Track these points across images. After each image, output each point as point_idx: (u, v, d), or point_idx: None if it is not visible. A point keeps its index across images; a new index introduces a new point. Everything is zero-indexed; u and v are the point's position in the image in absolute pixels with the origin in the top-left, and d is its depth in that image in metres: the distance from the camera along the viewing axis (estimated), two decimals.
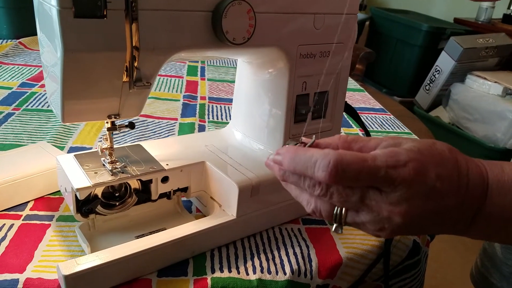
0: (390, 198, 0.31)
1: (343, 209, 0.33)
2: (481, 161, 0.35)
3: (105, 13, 0.39)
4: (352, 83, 1.36)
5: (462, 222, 0.34)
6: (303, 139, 0.39)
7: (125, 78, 0.45)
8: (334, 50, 0.58)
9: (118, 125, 0.51)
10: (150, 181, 0.55)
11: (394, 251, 0.62)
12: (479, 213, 0.34)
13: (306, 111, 0.58)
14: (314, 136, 0.39)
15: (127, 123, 0.52)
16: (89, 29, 0.39)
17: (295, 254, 0.55)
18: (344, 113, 0.66)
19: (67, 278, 0.43)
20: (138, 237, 0.53)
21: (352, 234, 0.61)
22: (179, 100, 1.04)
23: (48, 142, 0.73)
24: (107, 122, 0.50)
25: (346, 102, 0.65)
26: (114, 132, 0.51)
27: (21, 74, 1.09)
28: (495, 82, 2.05)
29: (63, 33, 0.39)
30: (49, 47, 0.44)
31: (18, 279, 0.46)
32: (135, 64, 0.44)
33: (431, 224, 0.33)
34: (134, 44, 0.43)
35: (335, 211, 0.33)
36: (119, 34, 0.41)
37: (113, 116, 0.48)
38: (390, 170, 0.31)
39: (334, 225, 0.34)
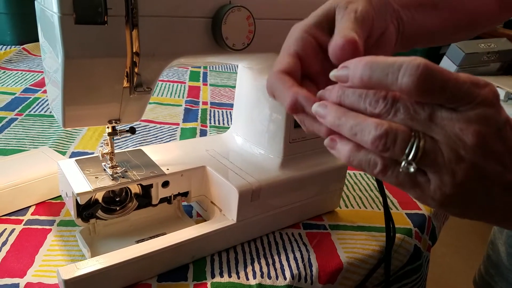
0: (465, 115, 0.27)
1: (420, 133, 0.28)
2: None
3: (105, 19, 0.40)
4: None
5: None
6: None
7: (125, 84, 0.45)
8: None
9: (119, 130, 0.51)
10: (151, 185, 0.55)
11: (395, 256, 0.62)
12: None
13: None
14: None
15: (128, 128, 0.52)
16: (90, 35, 0.40)
17: (295, 259, 0.55)
18: None
19: (67, 282, 0.43)
20: (138, 241, 0.53)
21: (353, 239, 0.61)
22: (181, 105, 1.04)
23: (50, 147, 0.74)
24: (108, 127, 0.50)
25: None
26: (115, 137, 0.52)
27: (25, 80, 1.10)
28: (497, 87, 2.05)
29: (64, 39, 0.39)
30: (50, 53, 0.45)
31: (18, 283, 0.46)
32: (136, 69, 0.44)
33: (495, 183, 0.28)
34: (134, 50, 0.43)
35: (413, 135, 0.27)
36: (119, 40, 0.41)
37: (113, 121, 0.49)
38: (473, 86, 0.27)
39: (403, 163, 0.28)
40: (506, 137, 0.28)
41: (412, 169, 0.28)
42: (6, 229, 0.55)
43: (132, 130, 0.52)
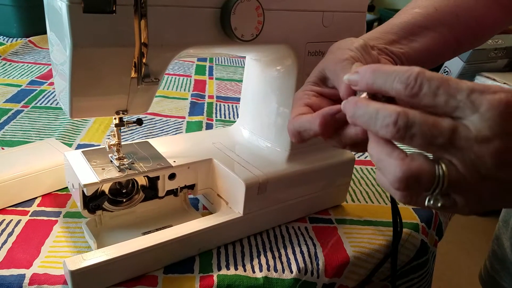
0: (476, 130, 0.26)
1: (444, 163, 0.27)
2: None
3: (114, 8, 0.39)
4: None
5: None
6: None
7: (133, 74, 0.45)
8: None
9: (126, 121, 0.51)
10: (157, 177, 0.55)
11: (401, 250, 0.62)
12: None
13: None
14: None
15: (135, 120, 0.52)
16: (98, 25, 0.40)
17: (301, 252, 0.55)
18: None
19: (73, 273, 0.43)
20: (144, 233, 0.53)
21: (360, 233, 0.60)
22: (187, 99, 1.04)
23: (56, 139, 0.74)
24: (115, 118, 0.50)
25: None
26: (122, 129, 0.51)
27: (31, 72, 1.10)
28: (504, 83, 2.03)
29: (72, 28, 0.39)
30: (58, 45, 0.45)
31: (24, 274, 0.46)
32: (144, 60, 0.44)
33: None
34: (142, 40, 0.43)
35: (436, 170, 0.27)
36: (128, 30, 0.41)
37: (121, 112, 0.48)
38: (474, 93, 0.26)
39: (428, 198, 0.28)
40: None
41: (439, 204, 0.28)
42: (12, 220, 0.55)
43: (139, 122, 0.52)
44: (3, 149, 0.71)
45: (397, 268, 0.61)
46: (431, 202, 0.28)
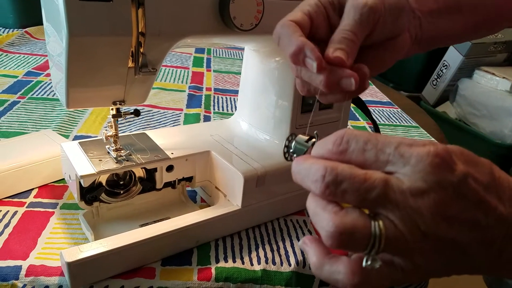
0: (414, 186, 0.24)
1: (381, 219, 0.25)
2: None
3: None
4: None
5: (509, 248, 0.27)
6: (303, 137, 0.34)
7: (130, 64, 0.44)
8: None
9: (123, 112, 0.50)
10: (155, 169, 0.54)
11: None
12: None
13: (313, 101, 0.57)
14: (315, 132, 0.33)
15: (132, 111, 0.52)
16: (94, 13, 0.39)
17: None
18: (351, 105, 0.65)
19: (70, 265, 0.42)
20: (142, 225, 0.52)
21: None
22: (184, 91, 1.03)
23: (53, 130, 0.73)
24: (112, 109, 0.49)
25: None
26: (119, 120, 0.51)
27: (27, 63, 1.09)
28: (503, 77, 2.03)
29: (68, 17, 0.38)
30: (54, 36, 0.44)
31: (21, 265, 0.46)
32: (141, 49, 0.43)
33: (469, 243, 0.26)
34: (140, 30, 0.42)
35: (372, 226, 0.25)
36: (125, 19, 0.40)
37: (118, 102, 0.48)
38: (402, 146, 0.25)
39: (366, 259, 0.25)
40: (468, 193, 0.25)
41: (377, 265, 0.25)
42: (8, 211, 0.54)
43: (137, 113, 0.51)
44: None
45: None
46: (369, 262, 0.25)
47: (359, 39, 0.34)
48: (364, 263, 0.26)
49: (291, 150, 0.33)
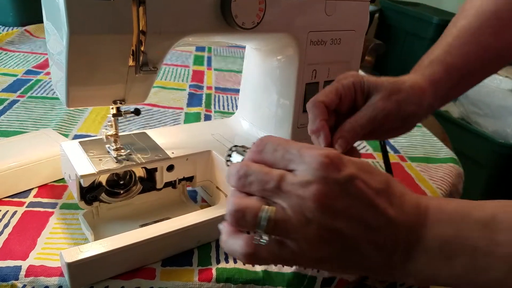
0: (304, 179, 0.29)
1: (273, 205, 0.30)
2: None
3: None
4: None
5: (398, 252, 0.30)
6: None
7: (131, 63, 0.43)
8: (346, 38, 0.57)
9: (124, 111, 0.50)
10: (155, 169, 0.54)
11: None
12: (417, 245, 0.30)
13: None
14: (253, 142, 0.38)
15: (132, 110, 0.51)
16: (95, 11, 0.38)
17: None
18: None
19: (70, 265, 0.42)
20: (142, 225, 0.52)
21: None
22: (185, 90, 1.03)
23: (53, 129, 0.72)
24: (112, 108, 0.49)
25: None
26: (119, 119, 0.50)
27: (27, 62, 1.08)
28: (506, 76, 2.02)
29: (69, 15, 0.37)
30: (55, 35, 0.43)
31: (21, 266, 0.45)
32: (142, 48, 0.42)
33: (358, 241, 0.29)
34: (141, 28, 0.41)
35: (262, 209, 0.30)
36: (126, 17, 0.40)
37: (118, 101, 0.47)
38: (304, 149, 0.31)
39: (255, 235, 0.30)
40: (356, 192, 0.29)
41: (264, 241, 0.30)
42: (8, 211, 0.54)
43: (137, 112, 0.51)
44: None
45: None
46: (257, 238, 0.30)
47: (364, 130, 0.43)
48: (254, 239, 0.30)
49: (231, 159, 0.38)
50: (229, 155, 0.39)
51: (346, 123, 0.43)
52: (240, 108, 0.66)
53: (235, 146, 0.39)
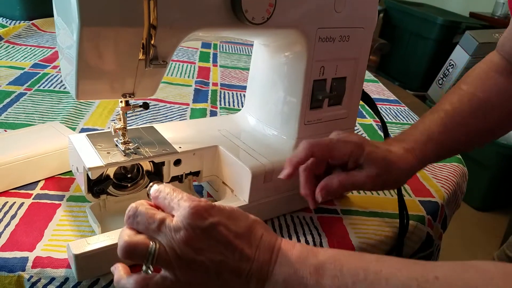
0: (176, 225, 0.36)
1: (156, 242, 0.36)
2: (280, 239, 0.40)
3: None
4: (366, 73, 1.34)
5: (254, 281, 0.37)
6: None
7: (141, 56, 0.44)
8: (354, 35, 0.57)
9: (132, 105, 0.50)
10: (163, 163, 0.54)
11: (407, 243, 0.61)
12: (267, 279, 0.37)
13: (323, 97, 0.57)
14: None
15: (141, 104, 0.51)
16: (106, 4, 0.38)
17: (306, 242, 0.54)
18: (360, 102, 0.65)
19: (78, 257, 0.42)
20: None
21: (365, 224, 0.60)
22: (191, 86, 1.03)
23: (60, 122, 0.73)
24: (121, 102, 0.49)
25: (363, 90, 0.64)
26: (127, 113, 0.50)
27: (34, 55, 1.08)
28: None
29: (80, 7, 0.38)
30: (64, 29, 0.44)
31: (27, 257, 0.45)
32: (152, 41, 0.43)
33: (220, 269, 0.36)
34: (151, 21, 0.42)
35: (151, 245, 0.36)
36: (137, 10, 0.40)
37: (127, 95, 0.47)
38: (183, 199, 0.38)
39: (144, 267, 0.36)
40: (216, 235, 0.36)
41: (149, 271, 0.36)
42: (15, 202, 0.54)
43: (146, 106, 0.51)
44: (6, 131, 0.70)
45: None
46: (144, 269, 0.36)
47: (347, 191, 0.54)
48: (142, 270, 0.36)
49: (149, 192, 0.43)
50: (149, 189, 0.43)
51: (335, 178, 0.49)
52: (246, 104, 0.66)
53: (155, 182, 0.43)
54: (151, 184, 0.42)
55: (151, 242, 0.36)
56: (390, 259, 0.36)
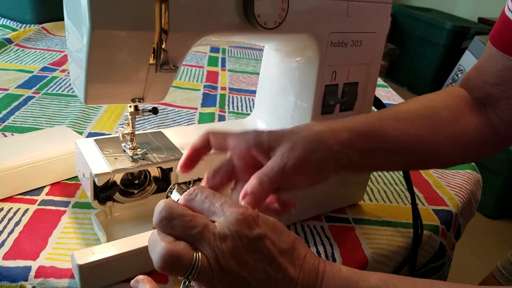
0: (222, 233, 0.32)
1: (199, 253, 0.32)
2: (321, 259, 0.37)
3: None
4: None
5: None
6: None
7: (151, 61, 0.43)
8: (367, 40, 0.55)
9: (141, 109, 0.49)
10: (171, 169, 0.53)
11: (419, 252, 0.59)
12: None
13: (334, 102, 0.55)
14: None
15: (150, 108, 0.50)
16: (117, 7, 0.37)
17: (318, 252, 0.53)
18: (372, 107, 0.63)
19: (82, 267, 0.41)
20: None
21: (378, 234, 0.58)
22: (199, 90, 1.02)
23: (67, 126, 0.72)
24: (130, 106, 0.48)
25: (375, 95, 0.62)
26: (136, 117, 0.49)
27: (43, 59, 1.08)
28: None
29: (91, 10, 0.37)
30: (74, 33, 0.43)
31: (30, 266, 0.44)
32: (163, 46, 0.41)
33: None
34: (162, 26, 0.40)
35: (194, 256, 0.31)
36: (148, 13, 0.39)
37: (137, 100, 0.46)
38: (226, 204, 0.34)
39: (184, 282, 0.33)
40: (262, 248, 0.32)
41: (192, 285, 0.33)
42: (20, 209, 0.53)
43: (155, 111, 0.50)
44: (12, 135, 0.69)
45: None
46: (185, 284, 0.32)
47: (274, 184, 0.41)
48: (181, 286, 0.33)
49: (171, 196, 0.41)
50: (170, 191, 0.41)
51: (252, 179, 0.41)
52: (256, 108, 0.65)
53: (178, 184, 0.40)
54: (171, 186, 0.40)
55: (194, 252, 0.31)
56: (443, 284, 0.35)
